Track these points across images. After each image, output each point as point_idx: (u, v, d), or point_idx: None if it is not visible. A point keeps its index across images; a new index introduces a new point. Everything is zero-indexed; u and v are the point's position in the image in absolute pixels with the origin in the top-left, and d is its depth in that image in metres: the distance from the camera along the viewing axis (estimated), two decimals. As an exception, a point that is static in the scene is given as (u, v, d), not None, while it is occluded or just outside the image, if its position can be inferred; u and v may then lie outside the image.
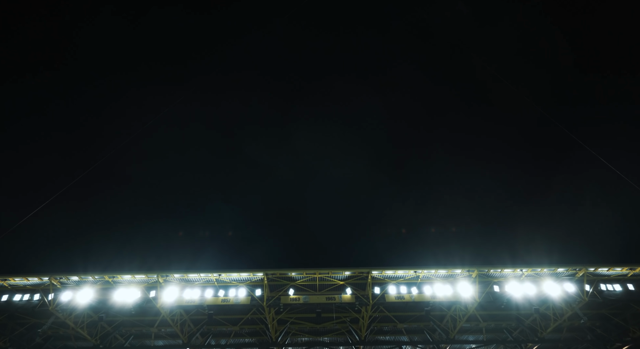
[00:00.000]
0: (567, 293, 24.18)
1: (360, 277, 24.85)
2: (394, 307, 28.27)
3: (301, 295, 24.88)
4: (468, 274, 24.42)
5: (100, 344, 29.11)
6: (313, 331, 32.23)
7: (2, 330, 27.63)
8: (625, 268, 24.15)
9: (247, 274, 24.24)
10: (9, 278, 22.73)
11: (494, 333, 33.16)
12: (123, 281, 23.76)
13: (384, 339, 34.41)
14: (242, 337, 33.79)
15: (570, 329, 31.70)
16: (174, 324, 27.52)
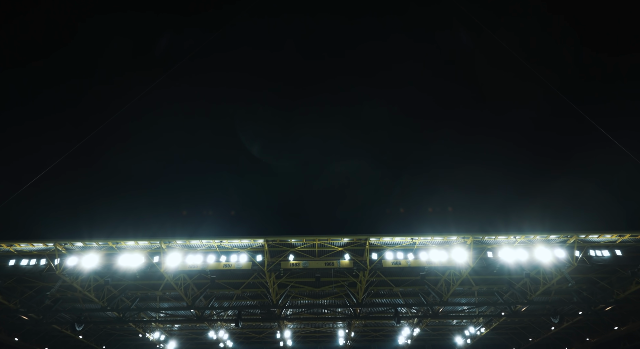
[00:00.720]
0: (558, 259, 24.95)
1: (358, 244, 25.49)
2: (390, 272, 29.27)
3: (301, 261, 25.60)
4: (463, 240, 25.07)
5: (107, 306, 30.30)
6: (312, 294, 33.55)
7: (12, 293, 28.62)
8: (615, 235, 24.80)
9: (247, 240, 24.78)
10: (15, 243, 23.16)
11: (485, 296, 34.68)
12: (127, 247, 24.29)
13: (380, 302, 36.00)
14: (244, 300, 35.22)
15: (558, 292, 33.15)
16: (178, 287, 28.51)
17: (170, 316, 37.52)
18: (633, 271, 25.88)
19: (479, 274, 29.47)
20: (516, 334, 47.03)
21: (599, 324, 40.55)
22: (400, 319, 33.88)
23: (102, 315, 35.04)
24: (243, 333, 45.46)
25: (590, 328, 42.24)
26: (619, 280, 29.70)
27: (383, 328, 44.47)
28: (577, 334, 45.36)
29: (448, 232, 24.84)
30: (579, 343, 47.02)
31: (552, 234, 24.98)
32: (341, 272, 28.58)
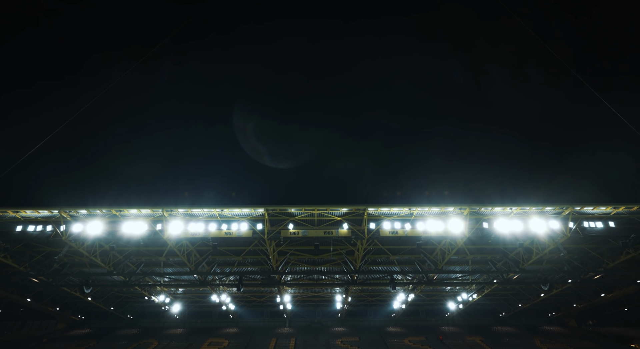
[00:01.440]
0: (552, 230, 25.47)
1: (356, 213, 25.90)
2: (387, 241, 29.99)
3: (300, 229, 26.12)
4: (460, 211, 25.44)
5: (113, 271, 31.36)
6: (311, 261, 34.60)
7: (22, 257, 29.58)
8: (610, 207, 25.14)
9: (248, 209, 25.18)
10: (21, 210, 23.61)
11: (479, 264, 35.76)
12: (130, 215, 24.76)
13: (377, 269, 37.16)
14: (245, 266, 36.37)
15: (550, 261, 34.16)
16: (181, 254, 29.36)
17: (174, 280, 38.91)
18: (624, 242, 26.52)
19: (474, 243, 30.22)
20: (507, 300, 48.98)
21: (586, 291, 42.18)
22: (396, 286, 35.02)
23: (108, 279, 36.36)
24: (244, 297, 47.36)
25: (578, 295, 43.97)
26: (610, 250, 30.48)
27: (379, 293, 46.21)
28: (564, 300, 47.29)
29: (445, 203, 25.16)
30: (566, 308, 49.12)
31: (548, 206, 25.32)
32: (339, 240, 29.26)
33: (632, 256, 28.37)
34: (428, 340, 45.88)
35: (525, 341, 45.17)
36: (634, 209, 24.97)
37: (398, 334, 48.88)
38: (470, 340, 45.82)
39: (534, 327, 50.99)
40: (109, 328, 51.71)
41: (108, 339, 47.16)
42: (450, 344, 44.30)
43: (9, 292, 37.15)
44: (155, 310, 52.23)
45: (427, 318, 54.44)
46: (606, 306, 46.36)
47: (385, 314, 53.07)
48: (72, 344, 45.55)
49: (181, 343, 45.66)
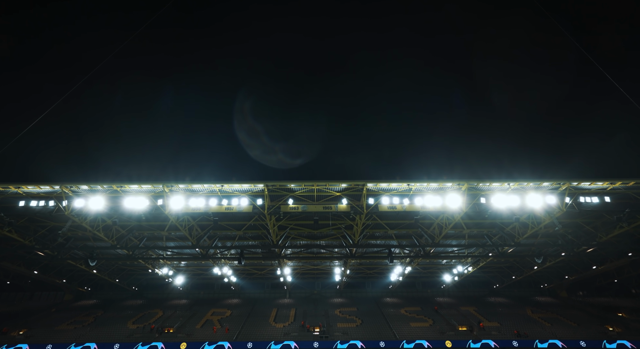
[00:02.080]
0: (548, 205, 25.84)
1: (355, 189, 26.12)
2: (386, 216, 30.45)
3: (300, 204, 26.44)
4: (458, 187, 25.67)
5: (117, 245, 32.01)
6: (311, 235, 35.27)
7: (26, 231, 30.09)
8: (606, 182, 25.35)
9: (248, 185, 25.36)
10: (22, 185, 23.77)
11: (475, 239, 36.51)
12: (131, 191, 24.96)
13: (375, 243, 37.94)
14: (246, 240, 37.09)
15: (545, 235, 34.85)
16: (183, 228, 29.86)
17: (176, 254, 39.78)
18: (618, 216, 26.98)
19: (471, 218, 30.68)
20: (501, 272, 50.39)
21: (578, 264, 43.34)
22: (394, 259, 35.92)
23: (112, 252, 37.17)
24: (246, 269, 48.62)
25: (570, 267, 45.22)
26: (604, 225, 31.06)
27: (377, 266, 47.44)
28: (557, 272, 48.67)
29: (443, 179, 25.32)
30: (558, 280, 50.66)
31: (545, 181, 25.53)
32: (338, 215, 29.68)
33: (625, 230, 28.95)
34: (423, 310, 47.59)
35: (517, 311, 46.91)
36: (631, 184, 25.20)
37: (395, 304, 50.64)
38: (464, 310, 47.55)
39: (526, 298, 52.78)
40: (115, 299, 53.43)
41: (114, 309, 48.86)
42: (445, 314, 46.01)
43: (16, 265, 38.11)
44: (159, 282, 53.76)
45: (423, 289, 56.20)
46: (597, 277, 47.83)
47: (382, 286, 54.73)
48: (80, 314, 47.22)
49: (185, 313, 47.35)
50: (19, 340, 38.01)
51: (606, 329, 39.83)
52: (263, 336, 39.43)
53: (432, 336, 38.80)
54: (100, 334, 40.13)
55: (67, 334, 40.25)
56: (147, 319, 44.76)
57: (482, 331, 40.29)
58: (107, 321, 44.55)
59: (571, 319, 43.13)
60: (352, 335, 39.06)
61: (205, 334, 40.18)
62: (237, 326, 42.37)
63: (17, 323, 43.45)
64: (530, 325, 41.71)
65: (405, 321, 43.66)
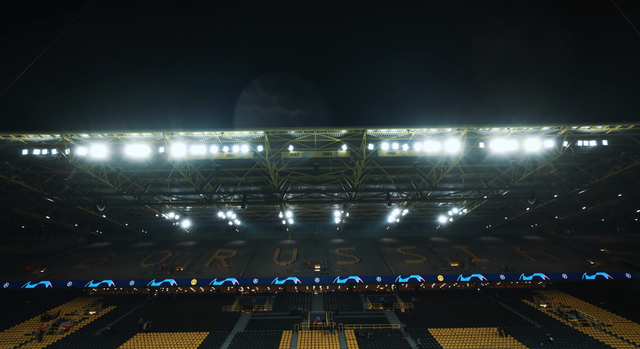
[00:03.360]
0: (546, 149, 26.12)
1: (355, 135, 26.19)
2: (385, 161, 30.92)
3: (300, 151, 26.69)
4: (458, 132, 25.71)
5: (123, 191, 32.91)
6: (311, 181, 36.11)
7: (33, 179, 30.80)
8: (606, 126, 25.32)
9: (248, 132, 25.36)
10: (23, 134, 23.78)
11: (472, 182, 37.47)
12: (131, 139, 25.03)
13: (374, 188, 38.98)
14: (248, 186, 38.04)
15: (539, 178, 35.75)
16: (186, 175, 30.48)
17: (181, 199, 41.07)
18: (614, 159, 27.44)
19: (469, 162, 31.23)
20: (494, 213, 52.51)
21: (569, 205, 45.02)
22: (392, 203, 37.24)
23: (119, 198, 38.34)
24: (249, 213, 50.54)
25: (561, 208, 47.04)
26: (598, 167, 31.72)
27: (375, 209, 49.25)
28: (547, 213, 50.73)
29: (443, 124, 25.26)
30: (548, 220, 52.97)
31: (545, 126, 25.50)
32: (338, 161, 30.13)
33: (618, 172, 29.65)
34: (418, 249, 50.50)
35: (506, 248, 49.83)
36: (630, 128, 25.21)
37: (391, 244, 53.58)
38: (457, 248, 50.46)
39: (516, 236, 55.67)
40: (126, 241, 56.32)
41: (126, 251, 51.78)
42: (439, 252, 48.92)
43: (28, 210, 39.55)
44: (166, 225, 56.19)
45: (419, 230, 59.02)
46: (585, 217, 49.99)
47: (380, 228, 57.36)
48: (95, 254, 50.16)
49: (193, 253, 50.28)
50: (41, 278, 40.93)
51: (588, 263, 42.71)
52: (267, 273, 42.35)
53: (426, 271, 41.71)
54: (116, 273, 43.08)
55: (84, 273, 43.21)
56: (158, 259, 47.67)
57: (473, 266, 43.21)
58: (121, 261, 47.47)
59: (556, 255, 46.01)
60: (350, 271, 41.96)
61: (213, 272, 43.13)
62: (243, 265, 45.29)
63: (37, 262, 46.35)
64: (518, 261, 44.61)
65: (400, 258, 46.56)
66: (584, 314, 34.79)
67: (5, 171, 27.18)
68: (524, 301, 38.93)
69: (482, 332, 31.07)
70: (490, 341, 29.25)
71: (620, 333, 30.55)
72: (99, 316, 37.12)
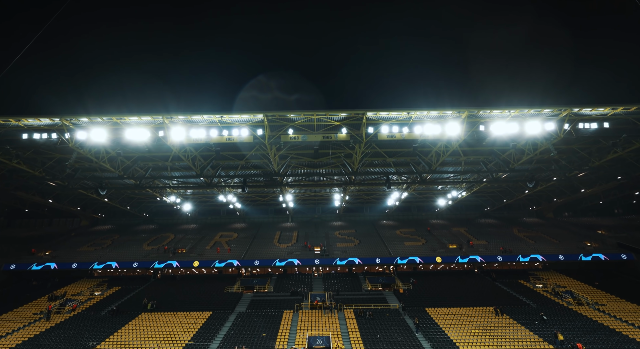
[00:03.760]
0: (546, 131, 26.08)
1: (355, 118, 26.08)
2: (385, 144, 30.92)
3: (300, 134, 26.65)
4: (458, 115, 25.59)
5: (124, 175, 33.08)
6: (311, 164, 36.20)
7: (34, 163, 30.92)
8: (608, 108, 25.17)
9: (247, 115, 25.27)
10: (22, 118, 23.73)
11: (471, 165, 37.54)
12: (131, 122, 24.97)
13: (374, 171, 39.10)
14: (248, 169, 38.17)
15: (539, 161, 35.81)
16: (186, 158, 30.56)
17: (182, 183, 41.30)
18: (614, 141, 27.47)
19: (469, 145, 31.24)
20: (493, 196, 52.80)
21: (568, 188, 45.24)
22: (391, 186, 37.35)
23: (120, 182, 38.55)
24: (249, 196, 50.88)
25: (560, 191, 47.28)
26: (598, 150, 31.72)
27: (374, 192, 49.53)
28: (546, 196, 51.02)
29: (443, 107, 25.12)
30: (546, 202, 53.33)
31: (546, 108, 25.36)
32: (338, 144, 30.16)
33: (618, 155, 29.67)
34: (417, 231, 51.10)
35: (504, 230, 50.40)
36: (632, 110, 25.07)
37: (390, 226, 54.17)
38: (455, 231, 51.05)
39: (515, 219, 56.18)
40: (128, 224, 56.98)
41: (129, 234, 52.47)
42: (437, 234, 49.53)
43: (31, 194, 39.85)
44: (168, 209, 56.70)
45: (418, 213, 59.51)
46: (584, 199, 50.31)
47: (379, 210, 57.84)
48: (98, 237, 50.87)
49: (195, 236, 50.96)
50: (46, 259, 41.70)
51: (584, 245, 43.31)
52: (268, 255, 43.06)
53: (424, 253, 42.39)
54: (119, 255, 43.83)
55: (89, 255, 43.97)
56: (160, 242, 48.38)
57: (471, 248, 43.85)
58: (124, 243, 48.19)
59: (553, 237, 46.59)
60: (350, 253, 42.65)
61: (214, 254, 43.84)
62: (244, 247, 45.99)
63: (41, 245, 47.10)
64: (516, 243, 45.23)
65: (399, 240, 47.20)
66: (579, 294, 35.57)
67: (6, 155, 27.28)
68: (520, 282, 39.72)
69: (479, 311, 31.87)
70: (486, 319, 30.05)
71: (614, 311, 31.33)
72: (104, 296, 38.03)
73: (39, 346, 26.61)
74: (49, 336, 28.44)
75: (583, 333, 27.37)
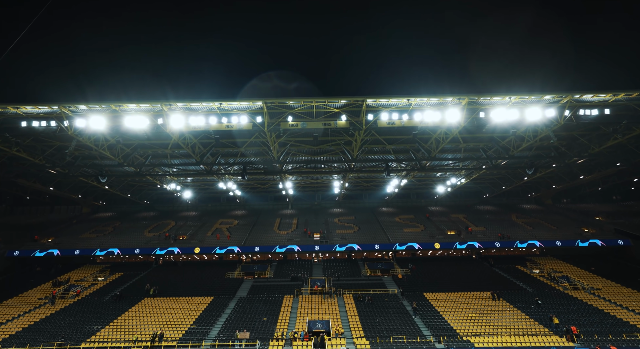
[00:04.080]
0: (547, 118, 25.99)
1: (355, 105, 25.96)
2: (384, 131, 30.85)
3: (299, 121, 26.58)
4: (458, 101, 25.46)
5: (124, 162, 33.12)
6: (310, 151, 36.18)
7: (34, 151, 30.90)
8: (609, 94, 25.02)
9: (247, 102, 25.14)
10: (21, 106, 23.61)
11: (471, 152, 37.53)
12: (129, 110, 24.85)
13: (373, 158, 39.10)
14: (248, 157, 38.14)
15: (539, 148, 35.77)
16: (185, 146, 30.54)
17: (182, 170, 41.35)
18: (615, 128, 27.42)
19: (469, 132, 31.16)
20: (492, 183, 52.97)
21: (567, 174, 45.34)
22: (390, 173, 37.36)
23: (121, 170, 38.65)
24: (249, 184, 51.02)
25: (559, 177, 47.41)
26: (599, 137, 31.66)
27: (374, 179, 49.63)
28: (545, 182, 51.19)
29: (444, 94, 24.97)
30: (545, 189, 53.53)
31: (547, 94, 25.21)
32: (338, 132, 30.11)
33: (618, 141, 29.65)
34: (416, 218, 51.47)
35: (502, 217, 50.76)
36: (634, 96, 24.92)
37: (390, 213, 54.51)
38: (454, 217, 51.41)
39: (513, 205, 56.51)
40: (129, 212, 57.35)
41: (130, 221, 52.86)
42: (436, 221, 49.90)
43: (32, 181, 39.97)
44: (168, 196, 56.96)
45: (417, 200, 59.79)
46: (582, 186, 50.49)
47: (379, 197, 58.10)
48: (100, 224, 51.28)
49: (195, 223, 51.36)
50: (49, 246, 42.16)
51: (582, 231, 43.71)
52: (268, 241, 43.51)
53: (423, 239, 42.82)
54: (121, 241, 44.27)
55: (91, 241, 44.43)
56: (161, 229, 48.80)
57: (469, 234, 44.27)
58: (125, 230, 48.62)
59: (551, 223, 46.96)
60: (349, 239, 43.08)
61: (215, 240, 44.29)
62: (244, 234, 46.41)
63: (44, 232, 47.53)
64: (514, 229, 45.63)
65: (398, 227, 47.60)
66: (575, 279, 36.12)
67: (6, 143, 27.25)
68: (517, 267, 40.27)
69: (476, 296, 32.43)
70: (483, 304, 30.62)
71: (609, 296, 31.88)
72: (107, 282, 38.61)
73: (45, 330, 27.20)
74: (55, 320, 29.05)
75: (578, 316, 27.94)
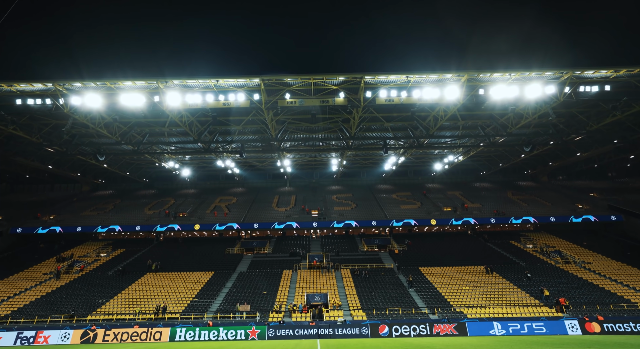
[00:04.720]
0: (546, 94, 25.87)
1: (353, 82, 25.70)
2: (382, 109, 30.68)
3: (297, 99, 26.38)
4: (458, 78, 25.22)
5: (121, 141, 33.06)
6: (308, 129, 36.09)
7: (31, 129, 30.76)
8: (611, 70, 24.83)
9: (244, 80, 24.84)
10: (15, 83, 23.29)
11: (469, 130, 37.50)
12: (125, 87, 24.57)
13: (371, 136, 39.07)
14: (246, 135, 38.09)
15: (537, 125, 35.76)
16: (183, 124, 30.43)
17: (180, 148, 41.33)
18: (614, 105, 27.30)
19: (468, 110, 31.01)
20: (489, 160, 53.18)
21: (564, 151, 45.54)
22: (388, 150, 37.56)
23: (119, 148, 38.55)
24: (247, 162, 51.07)
25: (555, 155, 47.63)
26: (597, 113, 31.62)
27: (372, 157, 49.72)
28: (541, 160, 51.44)
29: (443, 70, 24.70)
30: (542, 166, 53.88)
31: (548, 71, 24.98)
32: (336, 109, 29.94)
33: (617, 118, 29.67)
34: (413, 195, 52.02)
35: (498, 194, 51.35)
36: (635, 72, 24.76)
37: (387, 190, 55.01)
38: (450, 194, 51.98)
39: (509, 182, 57.00)
40: (129, 190, 57.64)
41: (130, 198, 53.26)
42: (433, 198, 50.49)
43: (30, 160, 39.93)
44: (167, 174, 57.07)
45: (414, 177, 60.14)
46: (578, 163, 50.81)
47: (376, 175, 58.39)
48: (100, 202, 51.71)
49: (195, 201, 51.81)
50: (51, 223, 42.71)
51: (576, 207, 44.43)
52: (267, 218, 44.13)
53: (419, 215, 43.50)
54: (122, 218, 44.84)
55: (92, 219, 44.97)
56: (161, 206, 49.28)
57: (465, 211, 44.95)
58: (126, 208, 49.09)
59: (546, 200, 47.63)
60: (347, 216, 43.73)
61: (214, 218, 44.90)
62: (243, 211, 46.98)
63: (45, 209, 47.98)
64: (509, 205, 46.30)
65: (395, 204, 48.21)
66: (567, 253, 37.11)
67: (2, 121, 27.06)
68: (511, 242, 41.22)
69: (470, 270, 33.41)
70: (477, 277, 31.61)
71: (599, 269, 32.91)
72: (110, 258, 39.45)
73: (52, 303, 28.11)
74: (61, 294, 29.95)
75: (568, 288, 28.96)
